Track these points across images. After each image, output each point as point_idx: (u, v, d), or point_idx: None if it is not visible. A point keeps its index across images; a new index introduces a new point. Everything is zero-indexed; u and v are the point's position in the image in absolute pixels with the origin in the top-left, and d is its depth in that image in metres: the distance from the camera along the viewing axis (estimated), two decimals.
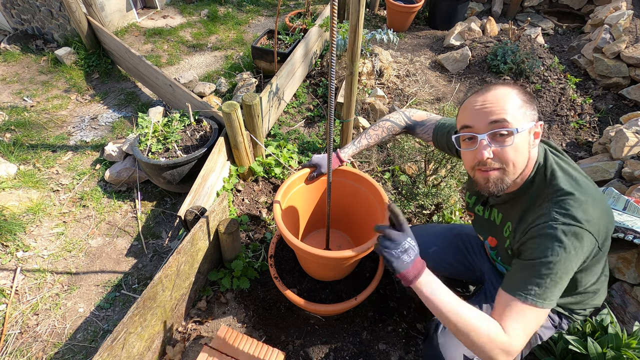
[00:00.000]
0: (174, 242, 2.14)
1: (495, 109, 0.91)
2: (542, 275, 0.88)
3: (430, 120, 1.39)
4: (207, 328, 1.71)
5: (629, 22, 3.14)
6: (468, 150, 0.98)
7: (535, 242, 0.92)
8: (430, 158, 1.96)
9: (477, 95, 0.96)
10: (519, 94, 0.93)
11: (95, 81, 3.36)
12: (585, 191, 0.92)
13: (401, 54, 3.68)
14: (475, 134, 0.94)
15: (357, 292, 1.53)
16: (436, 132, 1.35)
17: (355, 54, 1.82)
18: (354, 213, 1.68)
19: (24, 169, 2.51)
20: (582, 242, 0.87)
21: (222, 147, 2.09)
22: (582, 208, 0.88)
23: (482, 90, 0.96)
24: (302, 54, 2.89)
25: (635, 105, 3.02)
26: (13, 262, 2.01)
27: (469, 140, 0.98)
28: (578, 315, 1.18)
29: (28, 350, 1.69)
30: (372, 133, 1.47)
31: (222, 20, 4.34)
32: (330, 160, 1.28)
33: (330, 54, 0.97)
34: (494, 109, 0.92)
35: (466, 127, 0.97)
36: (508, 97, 0.92)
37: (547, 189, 0.95)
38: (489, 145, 0.92)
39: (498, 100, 0.92)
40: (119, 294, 1.91)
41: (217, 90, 3.20)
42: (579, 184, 0.93)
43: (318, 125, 2.83)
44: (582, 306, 1.14)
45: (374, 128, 1.47)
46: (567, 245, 0.86)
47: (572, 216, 0.88)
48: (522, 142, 0.92)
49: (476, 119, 0.94)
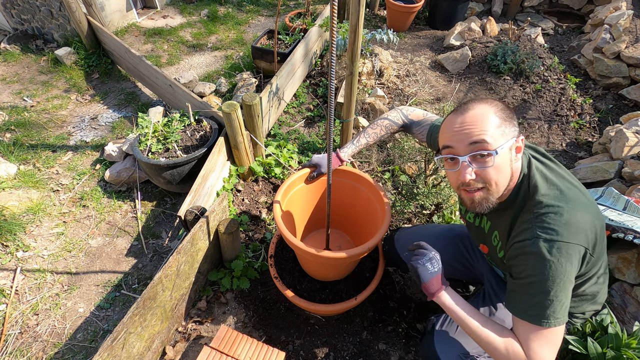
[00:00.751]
0: (174, 242, 2.14)
1: (474, 131, 0.91)
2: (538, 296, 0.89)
3: (427, 121, 1.39)
4: (207, 328, 1.71)
5: (629, 22, 3.14)
6: (451, 171, 0.99)
7: (521, 260, 0.93)
8: (430, 158, 1.96)
9: (455, 116, 0.95)
10: (497, 111, 0.92)
11: (95, 81, 3.36)
12: (569, 199, 0.91)
13: (401, 54, 3.68)
14: (456, 155, 0.95)
15: (357, 292, 1.53)
16: (430, 134, 1.34)
17: (355, 54, 1.82)
18: (354, 213, 1.68)
19: (24, 169, 2.51)
20: (568, 254, 0.87)
21: (222, 147, 2.09)
22: (563, 220, 0.88)
23: (461, 110, 0.95)
24: (302, 54, 2.89)
25: (635, 105, 3.02)
26: (13, 262, 2.01)
27: (451, 161, 0.98)
28: (577, 319, 1.17)
29: (28, 350, 1.69)
30: (370, 132, 1.47)
31: (222, 20, 4.34)
32: (330, 160, 1.28)
33: (330, 54, 0.97)
34: (473, 130, 0.91)
35: (447, 148, 0.97)
36: (486, 117, 0.91)
37: (530, 201, 0.95)
38: (470, 165, 0.93)
39: (476, 121, 0.91)
40: (119, 294, 1.91)
41: (217, 90, 3.20)
42: (563, 193, 0.93)
43: (318, 125, 2.83)
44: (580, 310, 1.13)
45: (373, 127, 1.47)
46: (553, 262, 0.87)
47: (554, 230, 0.88)
48: (503, 160, 0.92)
49: (456, 140, 0.94)
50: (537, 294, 0.90)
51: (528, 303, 0.92)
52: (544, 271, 0.88)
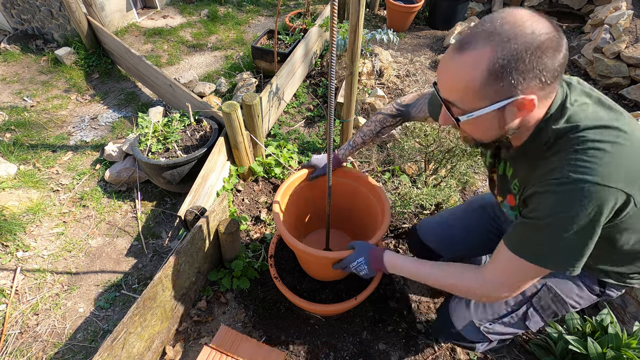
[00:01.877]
0: (174, 242, 2.14)
1: (445, 85, 0.79)
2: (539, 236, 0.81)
3: (423, 96, 1.30)
4: (207, 328, 1.71)
5: (629, 22, 3.14)
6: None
7: (536, 199, 0.81)
8: (430, 158, 1.96)
9: (452, 50, 0.77)
10: (489, 66, 0.70)
11: (95, 81, 3.36)
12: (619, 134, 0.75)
13: (401, 54, 3.68)
14: (439, 94, 0.83)
15: (357, 292, 1.53)
16: (430, 105, 1.24)
17: (355, 54, 1.82)
18: (354, 213, 1.68)
19: (24, 169, 2.51)
20: (599, 202, 0.73)
21: (222, 147, 2.09)
22: (608, 158, 0.73)
23: (458, 46, 0.74)
24: (302, 54, 2.89)
25: (635, 105, 3.02)
26: (13, 262, 2.01)
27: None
28: (632, 280, 1.03)
29: (28, 350, 1.69)
30: (365, 129, 1.45)
31: (222, 20, 4.34)
32: (330, 160, 1.28)
33: (330, 54, 0.98)
34: (445, 82, 0.79)
35: (436, 83, 0.86)
36: (470, 74, 0.72)
37: (562, 139, 0.80)
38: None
39: (455, 74, 0.75)
40: (119, 294, 1.91)
41: (217, 90, 3.20)
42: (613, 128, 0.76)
43: (318, 125, 2.83)
44: (636, 269, 0.99)
45: (367, 124, 1.44)
46: (573, 210, 0.74)
47: (590, 171, 0.73)
48: (482, 121, 0.79)
49: (438, 79, 0.82)
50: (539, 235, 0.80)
51: (524, 238, 0.84)
52: (557, 217, 0.76)
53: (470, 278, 0.98)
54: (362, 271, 1.21)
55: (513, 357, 1.58)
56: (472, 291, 0.97)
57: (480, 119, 0.78)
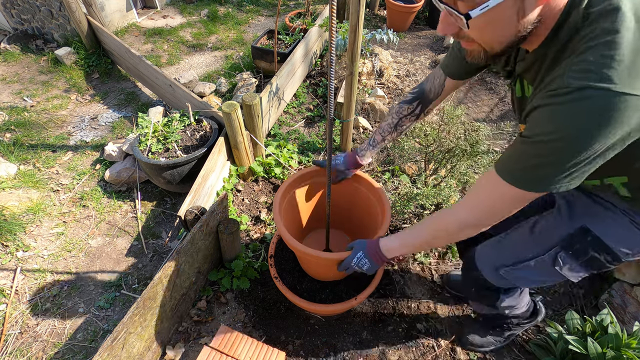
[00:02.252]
0: (174, 242, 2.14)
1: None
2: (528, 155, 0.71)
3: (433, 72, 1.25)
4: (207, 328, 1.71)
5: None
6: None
7: (539, 113, 0.68)
8: (430, 158, 1.97)
9: None
10: None
11: (95, 81, 3.36)
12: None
13: (401, 54, 3.68)
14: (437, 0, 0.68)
15: (357, 292, 1.53)
16: (445, 66, 1.15)
17: (355, 54, 1.82)
18: (354, 213, 1.68)
19: (24, 169, 2.51)
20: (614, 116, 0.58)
21: (222, 147, 2.09)
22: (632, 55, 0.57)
23: None
24: (302, 54, 2.89)
25: None
26: (13, 262, 2.01)
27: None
28: None
29: (28, 350, 1.69)
30: (383, 125, 1.37)
31: (222, 20, 4.34)
32: (330, 160, 1.28)
33: (330, 54, 0.98)
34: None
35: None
36: None
37: (579, 34, 0.64)
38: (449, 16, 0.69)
39: None
40: (119, 294, 1.91)
41: (217, 90, 3.20)
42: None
43: (318, 125, 2.83)
44: None
45: (385, 119, 1.38)
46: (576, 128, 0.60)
47: (604, 75, 0.58)
48: (498, 13, 0.63)
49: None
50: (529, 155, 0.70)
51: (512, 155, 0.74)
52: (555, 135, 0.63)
53: (448, 213, 0.94)
54: (364, 266, 1.20)
55: (513, 357, 1.58)
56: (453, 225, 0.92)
57: (496, 10, 0.62)
